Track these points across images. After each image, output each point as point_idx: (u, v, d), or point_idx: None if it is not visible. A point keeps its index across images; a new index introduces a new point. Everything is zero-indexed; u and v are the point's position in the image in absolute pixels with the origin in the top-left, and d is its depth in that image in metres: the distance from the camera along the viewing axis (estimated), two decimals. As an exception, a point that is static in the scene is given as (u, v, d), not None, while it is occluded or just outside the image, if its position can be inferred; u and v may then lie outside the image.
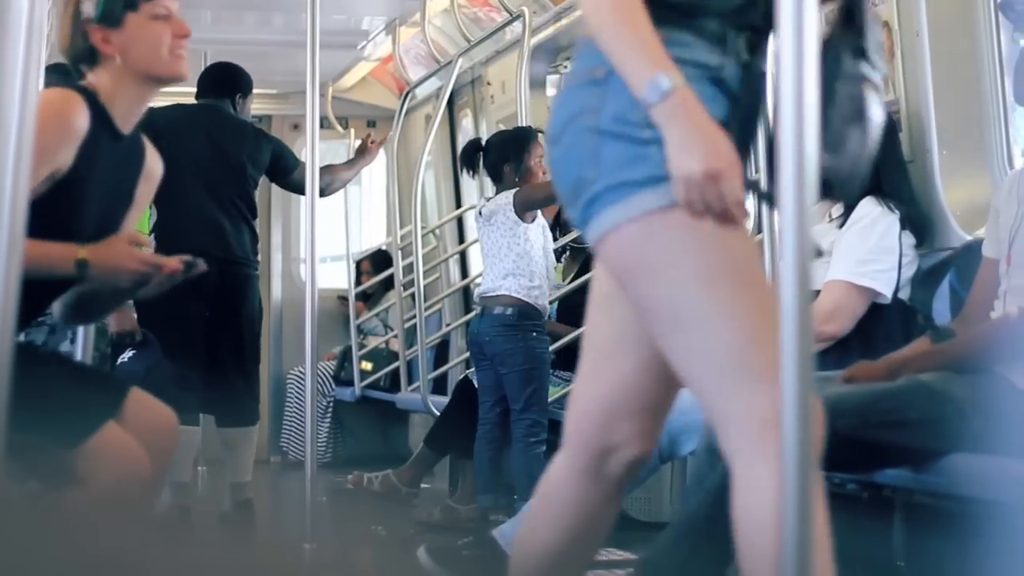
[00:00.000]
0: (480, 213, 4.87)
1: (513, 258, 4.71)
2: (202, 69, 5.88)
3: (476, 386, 5.12)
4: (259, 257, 5.48)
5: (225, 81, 5.49)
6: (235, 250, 5.19)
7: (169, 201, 5.18)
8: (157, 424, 2.66)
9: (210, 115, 5.33)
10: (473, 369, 5.30)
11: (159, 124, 5.20)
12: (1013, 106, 3.75)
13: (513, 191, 4.75)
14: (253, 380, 5.39)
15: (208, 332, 5.14)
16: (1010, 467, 2.68)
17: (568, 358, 5.25)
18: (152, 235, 5.22)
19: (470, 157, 4.97)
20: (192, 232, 5.13)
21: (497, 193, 4.85)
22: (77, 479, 2.44)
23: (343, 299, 8.22)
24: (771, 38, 2.05)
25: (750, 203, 4.98)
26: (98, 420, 2.50)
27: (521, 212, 4.71)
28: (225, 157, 5.26)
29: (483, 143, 5.03)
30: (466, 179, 7.58)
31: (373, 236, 8.97)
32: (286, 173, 5.50)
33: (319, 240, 4.33)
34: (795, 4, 1.68)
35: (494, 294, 4.73)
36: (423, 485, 5.70)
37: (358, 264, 8.36)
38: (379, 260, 8.06)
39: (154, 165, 2.95)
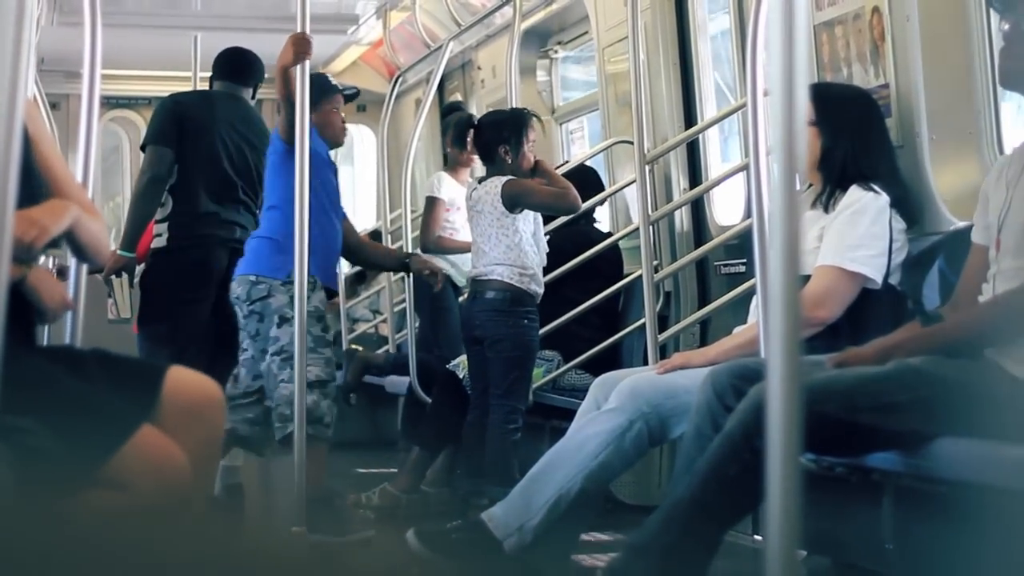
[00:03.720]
0: (470, 197, 4.72)
1: (503, 249, 4.59)
2: (193, 52, 5.88)
3: (459, 377, 5.08)
4: None
5: (248, 70, 5.50)
6: (240, 236, 5.21)
7: (186, 191, 5.24)
8: (200, 399, 2.60)
9: (235, 107, 5.37)
10: (455, 361, 5.26)
11: (185, 110, 5.26)
12: (1003, 92, 3.75)
13: (502, 181, 4.59)
14: None
15: (213, 315, 5.18)
16: (998, 450, 2.69)
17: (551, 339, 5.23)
18: (165, 224, 5.26)
19: (461, 133, 4.80)
20: (204, 225, 5.20)
21: (488, 175, 4.71)
22: (115, 486, 2.39)
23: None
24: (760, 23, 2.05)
25: (742, 188, 4.95)
26: (129, 427, 2.44)
27: (509, 207, 4.60)
28: (244, 155, 5.30)
29: (475, 120, 4.84)
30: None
31: (363, 220, 8.97)
32: None
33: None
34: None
35: (486, 278, 4.63)
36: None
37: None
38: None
39: None
